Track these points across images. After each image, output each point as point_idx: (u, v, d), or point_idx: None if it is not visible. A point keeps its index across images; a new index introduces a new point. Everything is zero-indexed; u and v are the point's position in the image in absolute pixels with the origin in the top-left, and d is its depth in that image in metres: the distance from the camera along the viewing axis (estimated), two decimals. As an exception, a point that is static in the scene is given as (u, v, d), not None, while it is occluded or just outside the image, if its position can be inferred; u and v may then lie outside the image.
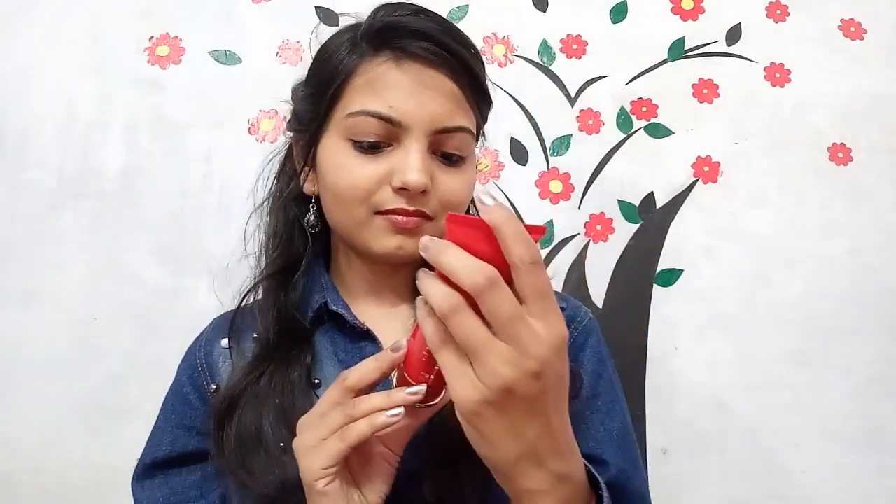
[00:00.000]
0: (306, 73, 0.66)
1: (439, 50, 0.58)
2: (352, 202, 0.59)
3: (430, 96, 0.58)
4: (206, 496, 0.62)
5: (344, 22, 0.64)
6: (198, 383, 0.65)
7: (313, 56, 0.65)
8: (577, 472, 0.45)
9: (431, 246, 0.41)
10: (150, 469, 0.64)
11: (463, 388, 0.41)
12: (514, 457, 0.42)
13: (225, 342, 0.66)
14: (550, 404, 0.42)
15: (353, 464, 0.49)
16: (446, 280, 0.41)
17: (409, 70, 0.58)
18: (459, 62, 0.60)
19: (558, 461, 0.43)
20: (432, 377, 0.46)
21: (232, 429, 0.57)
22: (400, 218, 0.58)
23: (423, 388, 0.46)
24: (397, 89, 0.58)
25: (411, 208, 0.58)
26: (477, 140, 0.67)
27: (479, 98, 0.63)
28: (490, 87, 0.67)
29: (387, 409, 0.46)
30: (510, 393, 0.40)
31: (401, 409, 0.46)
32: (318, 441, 0.47)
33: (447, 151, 0.60)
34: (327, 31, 0.66)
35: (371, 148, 0.58)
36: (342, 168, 0.59)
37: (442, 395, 0.47)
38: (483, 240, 0.40)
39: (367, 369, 0.48)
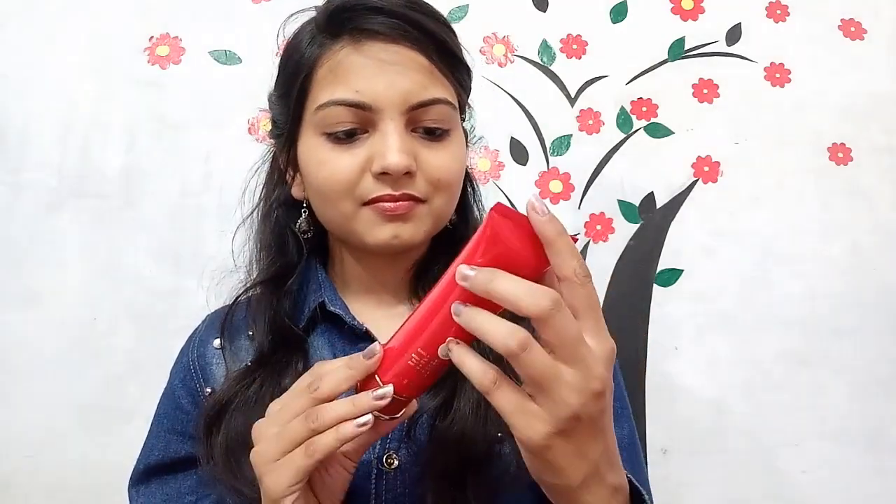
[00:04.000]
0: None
1: (398, 22, 0.55)
2: (336, 197, 0.57)
3: (397, 72, 0.55)
4: (201, 501, 0.61)
5: (305, 18, 0.62)
6: (190, 386, 0.64)
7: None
8: (625, 482, 0.44)
9: (476, 275, 0.38)
10: (144, 475, 0.63)
11: (530, 425, 0.38)
12: (581, 479, 0.41)
13: (218, 342, 0.64)
14: (608, 420, 0.41)
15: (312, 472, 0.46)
16: (484, 305, 0.38)
17: (370, 50, 0.56)
18: (422, 32, 0.56)
19: (614, 474, 0.42)
20: (405, 383, 0.43)
21: (220, 436, 0.56)
22: (388, 205, 0.56)
23: (389, 389, 0.42)
24: (361, 72, 0.55)
25: (397, 193, 0.55)
26: (463, 113, 0.64)
27: (452, 66, 0.59)
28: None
29: (353, 418, 0.42)
30: (578, 419, 0.38)
31: (369, 418, 0.42)
32: (280, 454, 0.43)
33: (428, 126, 0.57)
34: (292, 28, 0.64)
35: (346, 137, 0.56)
36: (320, 163, 0.57)
37: (404, 410, 0.44)
38: (527, 240, 0.39)
39: (340, 378, 0.44)
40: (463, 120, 0.65)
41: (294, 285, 0.63)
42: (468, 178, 0.68)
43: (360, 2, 0.56)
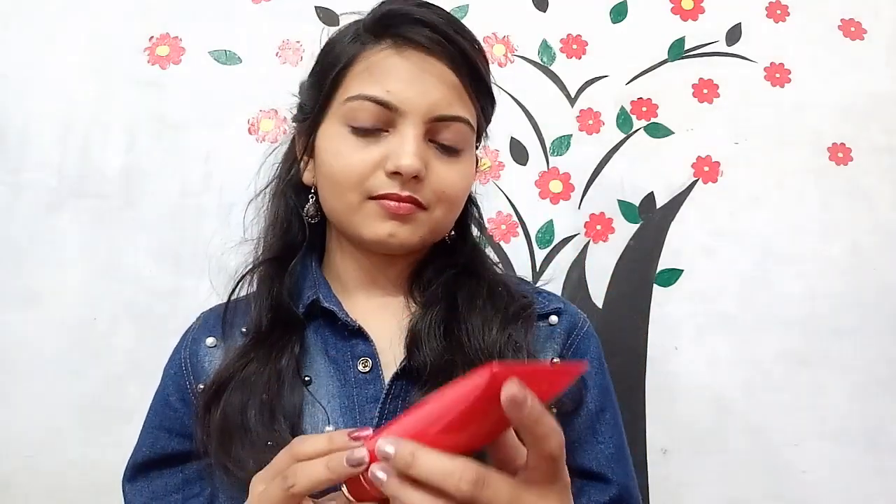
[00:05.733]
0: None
1: (440, 38, 0.59)
2: (346, 186, 0.59)
3: (429, 83, 0.58)
4: (187, 500, 0.61)
5: (346, 20, 0.65)
6: (181, 384, 0.64)
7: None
8: None
9: (396, 452, 0.36)
10: (133, 471, 0.64)
11: None
12: None
13: (211, 340, 0.65)
14: None
15: None
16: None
17: (410, 57, 0.59)
18: (460, 53, 0.60)
19: None
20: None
21: (217, 414, 0.57)
22: (392, 203, 0.58)
23: (363, 452, 0.39)
24: (396, 75, 0.58)
25: (404, 194, 0.58)
26: (479, 139, 0.67)
27: (479, 92, 0.63)
28: (492, 88, 0.67)
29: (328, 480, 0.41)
30: None
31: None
32: None
33: (444, 143, 0.60)
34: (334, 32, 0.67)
35: (368, 132, 0.58)
36: (338, 152, 0.59)
37: None
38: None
39: (316, 478, 0.41)
40: (477, 147, 0.68)
41: (297, 266, 0.65)
42: (472, 202, 0.71)
43: (409, 12, 0.59)
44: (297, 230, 0.67)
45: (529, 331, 0.62)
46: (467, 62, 0.61)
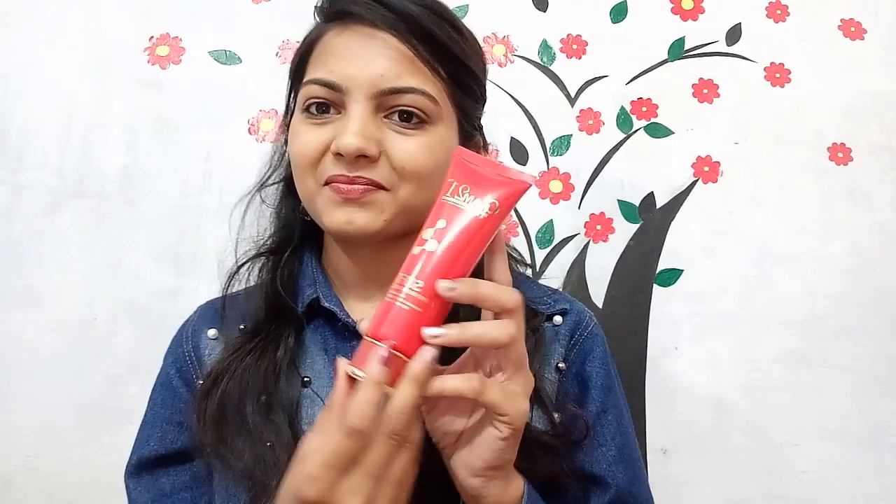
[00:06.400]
0: None
1: (382, 9, 0.56)
2: (302, 172, 0.58)
3: (371, 57, 0.56)
4: (197, 500, 0.61)
5: None
6: (186, 376, 0.64)
7: None
8: None
9: (459, 287, 0.44)
10: (138, 466, 0.63)
11: (518, 404, 0.45)
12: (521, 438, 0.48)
13: (212, 332, 0.65)
14: None
15: None
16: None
17: (354, 34, 0.57)
18: (407, 20, 0.56)
19: None
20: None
21: (214, 404, 0.56)
22: (342, 186, 0.55)
23: (431, 350, 0.43)
24: (339, 53, 0.57)
25: (353, 175, 0.55)
26: (462, 111, 0.63)
27: (439, 59, 0.58)
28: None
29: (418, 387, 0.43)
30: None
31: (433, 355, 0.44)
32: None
33: (402, 110, 0.56)
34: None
35: (318, 113, 0.57)
36: (294, 138, 0.59)
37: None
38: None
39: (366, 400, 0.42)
40: (468, 121, 0.64)
41: (293, 260, 0.65)
42: None
43: None
44: (294, 226, 0.66)
45: (534, 336, 0.60)
46: (418, 30, 0.56)
